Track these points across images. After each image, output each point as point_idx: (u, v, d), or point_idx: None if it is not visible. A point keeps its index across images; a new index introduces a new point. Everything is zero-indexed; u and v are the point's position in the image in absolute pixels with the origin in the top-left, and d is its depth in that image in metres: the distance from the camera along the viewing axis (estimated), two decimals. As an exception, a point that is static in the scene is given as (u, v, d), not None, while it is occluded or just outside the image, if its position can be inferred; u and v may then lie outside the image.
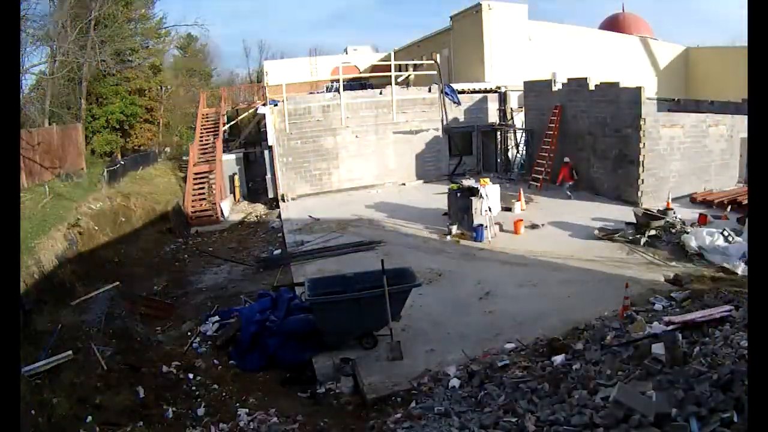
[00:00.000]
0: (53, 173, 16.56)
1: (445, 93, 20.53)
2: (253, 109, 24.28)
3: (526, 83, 19.99)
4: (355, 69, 27.30)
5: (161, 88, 31.86)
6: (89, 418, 6.34)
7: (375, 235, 13.49)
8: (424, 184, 19.66)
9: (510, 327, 7.98)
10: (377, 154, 20.22)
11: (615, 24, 28.45)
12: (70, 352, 7.44)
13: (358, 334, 7.72)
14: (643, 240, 11.50)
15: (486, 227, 12.58)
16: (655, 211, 12.62)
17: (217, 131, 23.13)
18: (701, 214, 12.90)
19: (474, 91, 21.20)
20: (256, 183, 23.33)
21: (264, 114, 19.72)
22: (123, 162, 20.86)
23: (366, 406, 6.48)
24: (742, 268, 9.52)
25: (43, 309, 8.73)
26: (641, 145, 14.46)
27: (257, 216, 18.64)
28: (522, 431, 4.71)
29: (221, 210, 18.52)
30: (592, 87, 16.33)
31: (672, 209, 13.06)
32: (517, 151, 20.82)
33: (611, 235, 11.99)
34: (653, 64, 25.86)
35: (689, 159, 15.29)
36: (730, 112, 15.89)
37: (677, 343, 5.25)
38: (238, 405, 7.00)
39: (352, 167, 20.04)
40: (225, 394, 7.31)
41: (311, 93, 22.51)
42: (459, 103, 20.80)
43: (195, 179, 19.41)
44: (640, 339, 6.05)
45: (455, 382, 6.48)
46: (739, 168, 16.09)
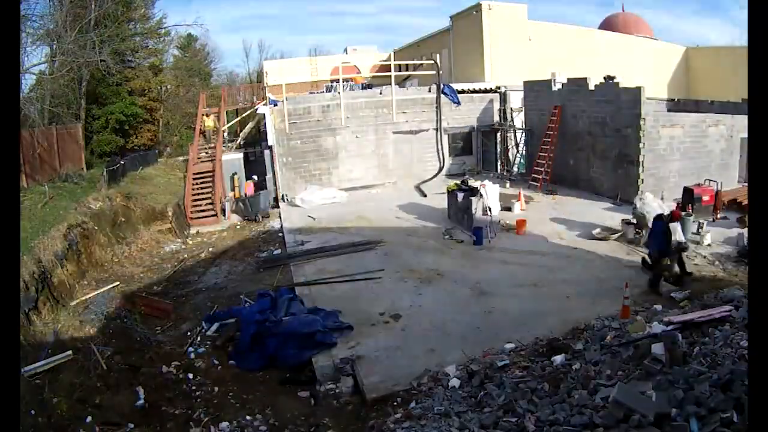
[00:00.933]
0: (53, 173, 16.57)
1: (445, 93, 20.51)
2: (253, 109, 24.30)
3: (526, 83, 19.99)
4: (355, 69, 27.29)
5: (161, 88, 31.88)
6: (89, 418, 6.35)
7: (375, 235, 13.49)
8: (423, 184, 19.64)
9: (510, 327, 7.98)
10: (377, 154, 20.21)
11: (615, 24, 28.47)
12: (69, 352, 7.46)
13: None
14: (643, 240, 11.50)
15: (486, 227, 12.58)
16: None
17: (217, 131, 23.16)
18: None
19: (474, 91, 21.19)
20: (256, 183, 23.31)
21: (264, 114, 19.71)
22: (123, 162, 20.84)
23: (366, 406, 6.48)
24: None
25: (43, 309, 8.73)
26: (641, 145, 14.47)
27: (257, 216, 18.59)
28: (522, 431, 4.71)
29: (221, 210, 18.52)
30: (592, 87, 16.33)
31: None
32: (517, 151, 20.82)
33: (610, 235, 12.00)
34: (653, 64, 25.85)
35: (689, 159, 15.29)
36: (730, 112, 15.94)
37: (677, 343, 5.25)
38: (238, 405, 7.01)
39: (352, 167, 20.03)
40: (227, 394, 7.32)
41: (311, 93, 22.50)
42: (459, 103, 20.79)
43: (195, 179, 19.41)
44: (640, 339, 6.05)
45: (455, 382, 6.48)
46: (739, 168, 16.09)
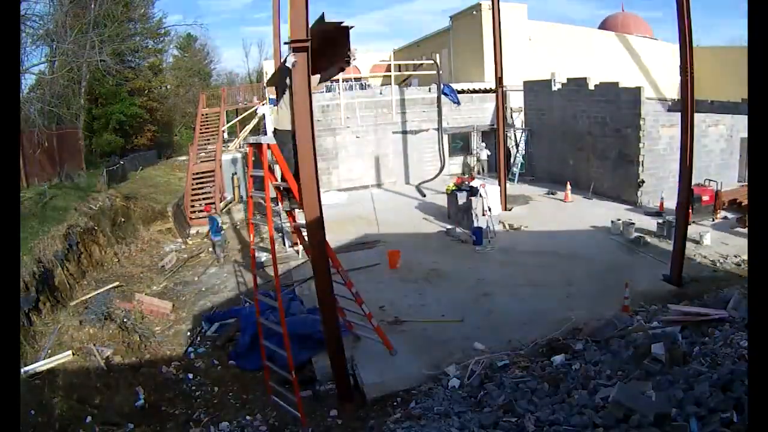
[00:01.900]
0: (53, 173, 16.58)
1: (445, 93, 20.49)
2: (253, 109, 24.29)
3: (525, 83, 19.98)
4: (355, 69, 27.26)
5: (161, 87, 31.87)
6: (89, 418, 6.35)
7: (374, 235, 13.50)
8: (424, 184, 19.63)
9: (510, 327, 7.98)
10: (377, 154, 20.21)
11: (614, 24, 28.45)
12: (69, 352, 7.46)
13: None
14: (643, 240, 11.52)
15: (486, 227, 12.58)
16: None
17: (217, 131, 23.15)
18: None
19: (474, 91, 21.18)
20: (256, 183, 23.30)
21: (264, 114, 19.70)
22: (123, 162, 20.86)
23: (366, 406, 6.47)
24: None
25: (43, 309, 8.73)
26: (641, 145, 14.47)
27: (257, 216, 18.61)
28: (522, 431, 4.71)
29: (221, 210, 18.52)
30: (591, 87, 16.33)
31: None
32: (517, 151, 20.82)
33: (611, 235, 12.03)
34: (653, 64, 25.84)
35: (689, 159, 15.27)
36: (729, 112, 15.94)
37: (677, 343, 5.25)
38: (237, 405, 7.01)
39: (351, 167, 20.01)
40: (227, 394, 7.32)
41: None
42: (459, 103, 20.78)
43: (194, 179, 19.40)
44: (639, 339, 6.06)
45: (455, 382, 6.48)
46: (739, 168, 16.09)
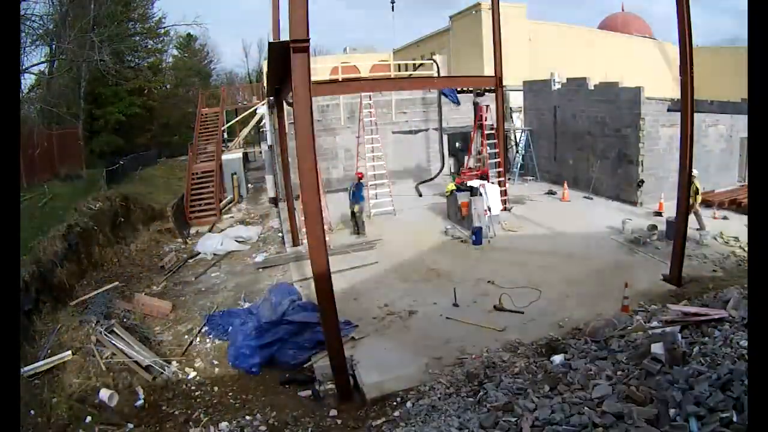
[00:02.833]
0: (53, 174, 16.57)
1: (445, 93, 20.49)
2: (253, 109, 24.30)
3: (525, 83, 19.98)
4: (355, 69, 27.27)
5: (161, 87, 31.86)
6: (89, 418, 6.36)
7: (374, 234, 13.50)
8: (423, 183, 19.61)
9: (509, 326, 7.98)
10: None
11: (614, 24, 28.49)
12: (69, 352, 7.46)
13: None
14: (643, 240, 11.52)
15: (485, 227, 12.58)
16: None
17: (216, 131, 23.16)
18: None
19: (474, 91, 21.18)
20: (255, 183, 23.32)
21: (263, 114, 19.69)
22: (122, 162, 20.84)
23: (366, 406, 6.47)
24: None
25: (42, 309, 8.73)
26: (641, 145, 14.47)
27: (257, 215, 18.61)
28: (521, 431, 4.71)
29: (220, 210, 18.52)
30: (591, 87, 16.34)
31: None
32: (517, 151, 20.82)
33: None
34: (653, 63, 25.86)
35: (689, 159, 15.29)
36: (729, 111, 15.94)
37: (677, 343, 5.25)
38: (237, 405, 7.01)
39: (351, 167, 19.99)
40: (226, 394, 7.32)
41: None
42: (458, 103, 20.78)
43: (194, 179, 19.40)
44: (639, 339, 6.06)
45: (455, 381, 6.48)
46: (739, 168, 16.10)
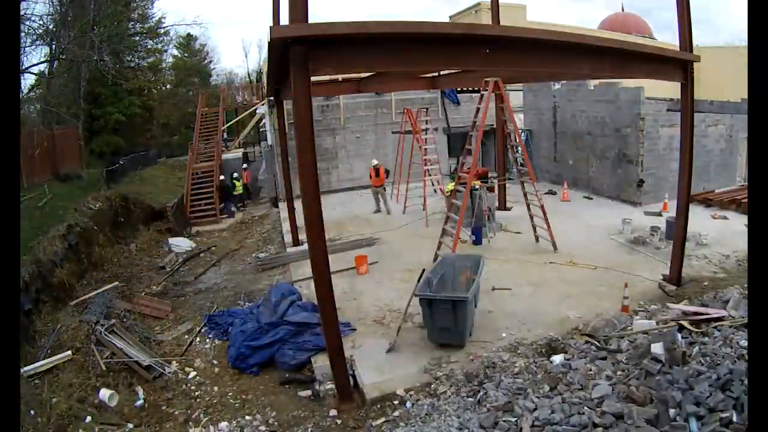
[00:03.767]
0: (53, 174, 16.58)
1: (444, 93, 20.50)
2: (253, 109, 24.29)
3: (525, 83, 19.95)
4: (355, 69, 27.26)
5: (161, 87, 31.86)
6: (89, 418, 6.35)
7: (374, 234, 13.51)
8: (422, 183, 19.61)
9: (509, 326, 7.98)
10: (376, 154, 20.20)
11: (615, 24, 28.50)
12: (69, 352, 7.45)
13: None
14: (642, 240, 11.53)
15: (485, 227, 12.58)
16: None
17: (216, 131, 23.16)
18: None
19: (473, 91, 21.16)
20: (255, 182, 23.33)
21: (263, 114, 19.70)
22: (122, 162, 20.86)
23: (366, 405, 6.47)
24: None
25: (42, 309, 8.73)
26: (641, 145, 14.48)
27: (257, 216, 18.63)
28: (521, 431, 4.71)
29: (220, 210, 18.53)
30: (591, 87, 16.34)
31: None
32: (516, 151, 20.81)
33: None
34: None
35: (688, 159, 15.30)
36: (729, 111, 15.95)
37: (676, 343, 5.25)
38: (237, 405, 7.01)
39: (351, 167, 20.03)
40: (226, 394, 7.32)
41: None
42: (458, 103, 20.79)
43: (194, 179, 19.41)
44: (639, 339, 6.06)
45: (455, 381, 6.48)
46: (739, 168, 16.11)
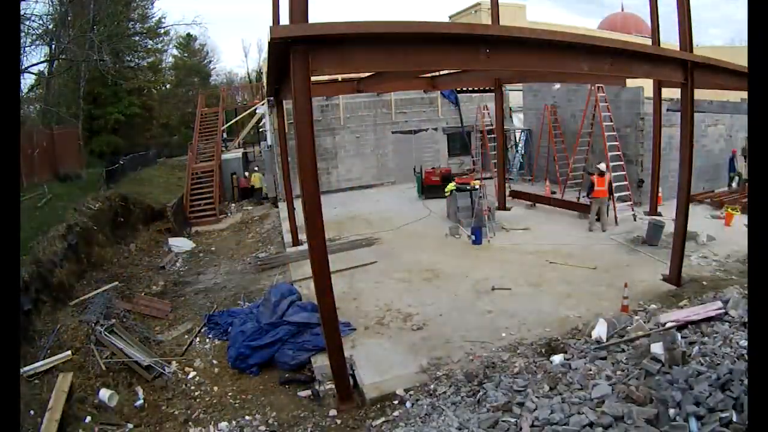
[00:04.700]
0: (52, 174, 16.57)
1: (444, 94, 20.50)
2: (252, 109, 24.30)
3: (525, 83, 19.94)
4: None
5: (161, 87, 31.85)
6: (89, 418, 6.35)
7: (373, 234, 13.51)
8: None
9: (509, 326, 7.98)
10: (376, 154, 20.22)
11: (614, 24, 28.51)
12: (69, 352, 7.45)
13: None
14: (642, 239, 11.54)
15: (485, 227, 12.59)
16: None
17: (216, 131, 23.17)
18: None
19: (473, 91, 21.19)
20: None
21: (263, 114, 19.70)
22: (122, 162, 20.85)
23: (366, 405, 6.47)
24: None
25: (42, 309, 8.72)
26: (640, 145, 14.47)
27: (257, 216, 18.63)
28: (520, 431, 4.71)
29: (220, 209, 18.54)
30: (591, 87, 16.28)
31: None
32: (516, 151, 20.82)
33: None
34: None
35: (688, 159, 15.29)
36: (729, 111, 15.94)
37: (676, 343, 5.26)
38: (237, 405, 7.01)
39: (351, 167, 20.04)
40: (226, 394, 7.32)
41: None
42: (457, 104, 20.79)
43: (194, 179, 19.42)
44: (638, 339, 6.07)
45: (455, 381, 6.48)
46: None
